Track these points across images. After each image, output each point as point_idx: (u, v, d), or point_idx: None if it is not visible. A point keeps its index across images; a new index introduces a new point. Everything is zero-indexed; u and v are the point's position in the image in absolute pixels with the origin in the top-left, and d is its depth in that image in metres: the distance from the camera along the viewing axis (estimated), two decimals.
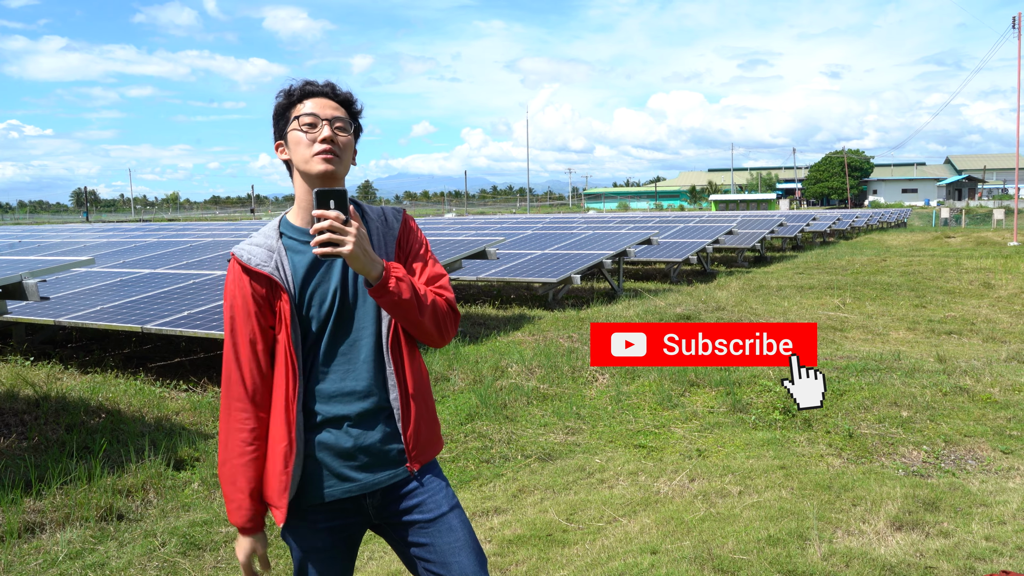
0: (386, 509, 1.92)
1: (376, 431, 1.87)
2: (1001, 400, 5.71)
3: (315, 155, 1.82)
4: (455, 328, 1.93)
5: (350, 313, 1.87)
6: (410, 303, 1.78)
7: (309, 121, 1.85)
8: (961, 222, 43.94)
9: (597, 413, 5.88)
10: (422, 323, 1.83)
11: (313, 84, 1.91)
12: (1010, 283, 12.64)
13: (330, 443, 1.85)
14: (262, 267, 1.85)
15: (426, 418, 1.94)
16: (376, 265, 1.75)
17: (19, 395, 5.91)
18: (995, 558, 3.45)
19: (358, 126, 1.96)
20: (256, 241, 1.91)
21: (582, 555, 3.64)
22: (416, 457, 1.91)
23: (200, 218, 76.40)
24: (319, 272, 1.87)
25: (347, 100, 1.93)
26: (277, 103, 1.92)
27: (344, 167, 1.87)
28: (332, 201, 1.70)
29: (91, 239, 15.58)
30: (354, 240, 1.69)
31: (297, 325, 1.85)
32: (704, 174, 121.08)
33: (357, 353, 1.87)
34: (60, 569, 3.54)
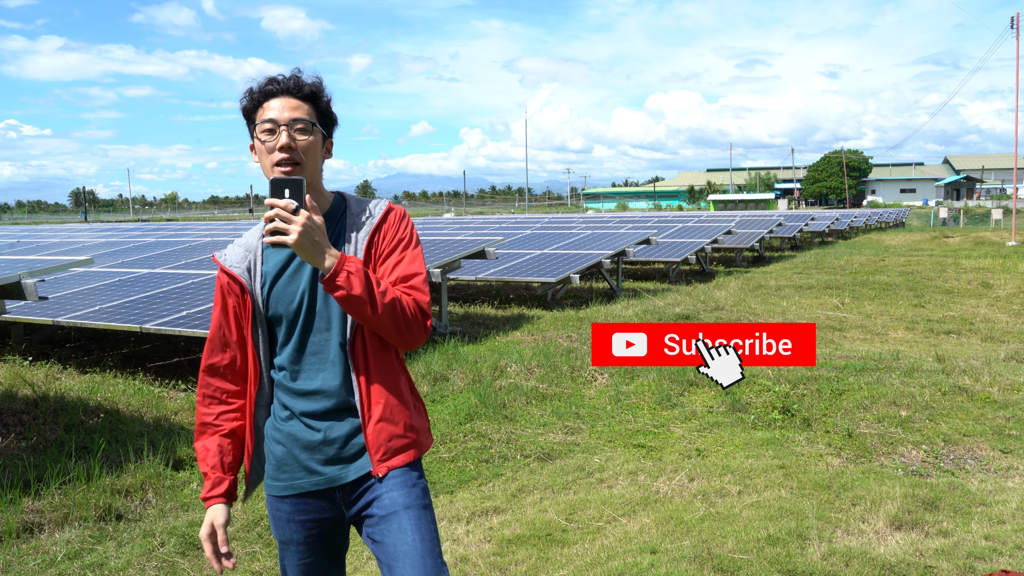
0: (354, 505, 1.92)
1: (343, 426, 1.88)
2: (1000, 399, 5.72)
3: (274, 165, 1.82)
4: (423, 331, 1.87)
5: (319, 312, 1.87)
6: (360, 299, 1.73)
7: (267, 128, 1.84)
8: (959, 222, 43.98)
9: (596, 413, 5.88)
10: (378, 321, 1.78)
11: (274, 82, 1.87)
12: (1008, 283, 12.66)
13: (299, 436, 1.88)
14: (233, 268, 1.91)
15: (392, 421, 1.89)
16: (327, 257, 1.72)
17: (17, 395, 5.90)
18: (995, 557, 3.45)
19: (327, 118, 1.93)
20: (241, 241, 1.97)
21: (582, 555, 3.64)
22: (380, 460, 1.87)
23: (199, 218, 76.31)
24: (290, 271, 1.89)
25: (312, 94, 1.89)
26: (242, 107, 1.90)
27: (308, 171, 1.86)
28: (288, 190, 1.71)
29: (89, 239, 15.56)
30: (300, 230, 1.68)
31: (260, 323, 1.90)
32: (702, 174, 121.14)
33: (326, 351, 1.87)
34: (59, 569, 3.53)
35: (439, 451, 5.17)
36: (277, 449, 1.92)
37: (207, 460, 1.96)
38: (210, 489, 1.95)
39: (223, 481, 1.95)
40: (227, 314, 1.95)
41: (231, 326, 1.95)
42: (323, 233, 1.73)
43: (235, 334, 1.95)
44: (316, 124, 1.88)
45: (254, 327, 1.91)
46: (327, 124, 1.94)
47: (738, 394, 6.07)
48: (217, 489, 1.94)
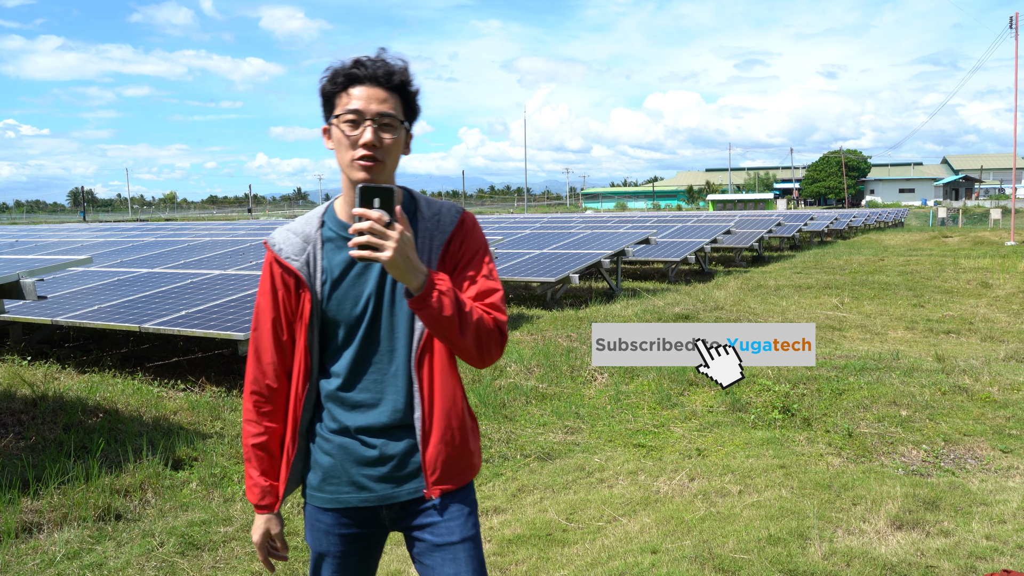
0: (403, 521, 1.83)
1: (399, 444, 1.77)
2: (1000, 399, 5.71)
3: (354, 160, 1.67)
4: (500, 350, 1.75)
5: (384, 321, 1.75)
6: (451, 320, 1.62)
7: (350, 119, 1.67)
8: (958, 222, 44.00)
9: (596, 412, 5.87)
10: (463, 343, 1.66)
11: (361, 66, 1.69)
12: (1008, 282, 12.66)
13: (351, 450, 1.78)
14: (291, 260, 1.76)
15: (452, 443, 1.79)
16: (418, 275, 1.59)
17: (16, 395, 5.89)
18: (996, 557, 3.45)
19: (413, 111, 1.77)
20: (295, 228, 1.80)
21: (582, 555, 3.63)
22: (436, 482, 1.78)
23: (197, 218, 76.30)
24: (355, 272, 1.75)
25: (401, 85, 1.72)
26: (322, 86, 1.73)
27: (388, 171, 1.71)
28: (377, 199, 1.56)
29: (88, 239, 15.55)
30: (395, 246, 1.54)
31: (315, 325, 1.77)
32: (701, 174, 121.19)
33: (387, 364, 1.76)
34: (58, 569, 3.52)
35: None
36: (324, 460, 1.81)
37: (255, 463, 1.84)
38: (261, 497, 1.85)
39: (273, 489, 1.86)
40: (278, 307, 1.80)
41: (282, 320, 1.80)
42: (414, 248, 1.59)
43: (284, 331, 1.81)
44: (403, 121, 1.73)
45: (310, 328, 1.76)
46: (411, 118, 1.77)
47: (738, 394, 6.06)
48: (268, 498, 1.85)
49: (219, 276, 8.55)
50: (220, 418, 5.67)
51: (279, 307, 1.80)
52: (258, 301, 1.84)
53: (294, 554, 3.70)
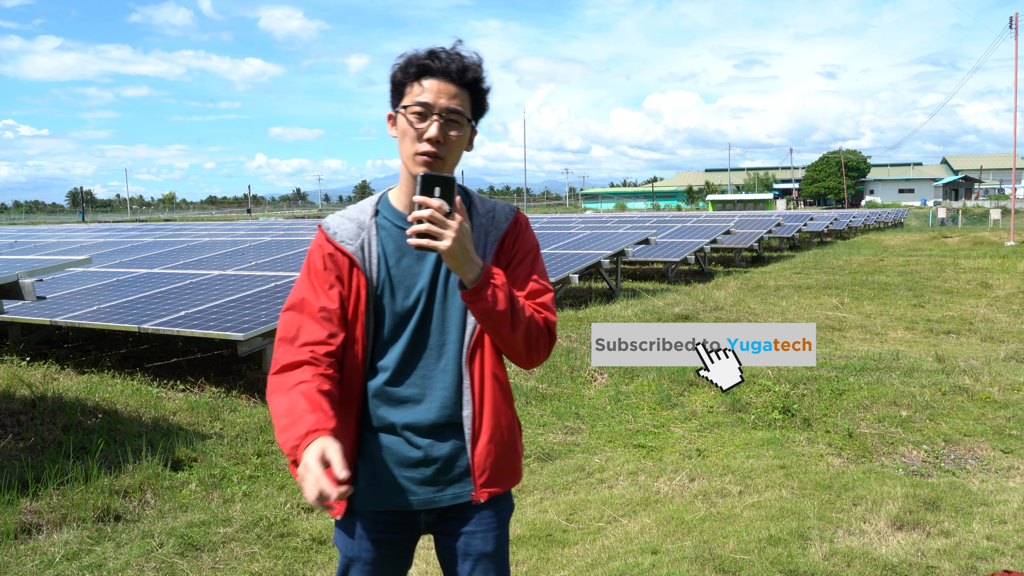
0: (439, 526, 1.77)
1: (445, 445, 1.70)
2: (1000, 399, 5.71)
3: (416, 155, 1.64)
4: (548, 351, 1.72)
5: (436, 313, 1.70)
6: (504, 315, 1.59)
7: (418, 111, 1.63)
8: (958, 222, 44.01)
9: (596, 413, 5.86)
10: (513, 340, 1.63)
11: (435, 58, 1.64)
12: (1007, 283, 12.66)
13: (394, 449, 1.70)
14: (347, 244, 1.69)
15: (502, 443, 1.74)
16: (474, 267, 1.56)
17: (15, 395, 5.88)
18: (997, 557, 3.44)
19: (481, 109, 1.72)
20: (348, 214, 1.74)
21: (582, 555, 3.62)
22: (484, 485, 1.72)
23: (197, 218, 76.30)
24: (408, 262, 1.70)
25: (473, 82, 1.67)
26: (392, 73, 1.68)
27: (449, 167, 1.67)
28: (438, 188, 1.53)
29: (87, 239, 15.54)
30: (454, 235, 1.51)
31: (371, 313, 1.69)
32: (701, 174, 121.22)
33: (436, 359, 1.70)
34: (57, 570, 3.52)
35: None
36: (362, 460, 1.72)
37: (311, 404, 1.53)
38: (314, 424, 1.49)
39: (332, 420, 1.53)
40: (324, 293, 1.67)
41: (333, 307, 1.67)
42: (471, 239, 1.57)
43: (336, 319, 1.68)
44: (470, 120, 1.69)
45: (367, 317, 1.68)
46: (479, 115, 1.73)
47: (738, 394, 6.06)
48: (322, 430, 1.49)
49: (218, 276, 8.55)
50: (219, 419, 5.66)
51: (326, 292, 1.68)
52: (300, 287, 1.71)
53: (294, 555, 3.69)
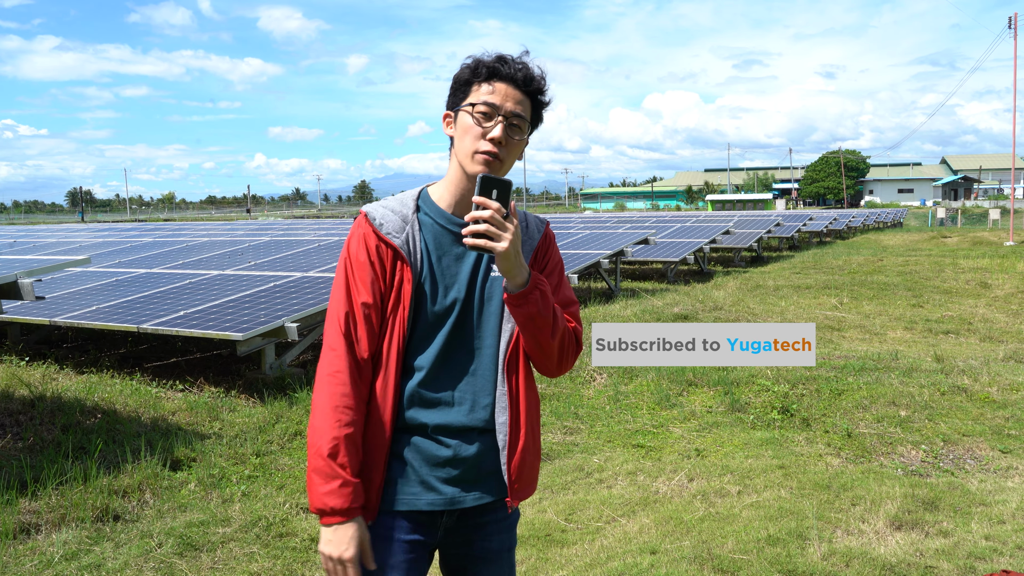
0: (456, 532, 1.75)
1: (474, 447, 1.70)
2: (999, 399, 5.71)
3: (477, 153, 1.64)
4: (574, 360, 1.75)
5: (473, 317, 1.71)
6: (547, 320, 1.62)
7: (484, 111, 1.64)
8: (957, 222, 44.03)
9: (595, 413, 5.86)
10: (550, 346, 1.66)
11: (505, 63, 1.67)
12: (1007, 283, 12.66)
13: (423, 448, 1.68)
14: (393, 236, 1.67)
15: (533, 452, 1.76)
16: (523, 271, 1.59)
17: (14, 395, 5.88)
18: (995, 557, 3.45)
19: (537, 121, 1.75)
20: (391, 206, 1.72)
21: (581, 555, 3.62)
22: (517, 492, 1.73)
23: (196, 218, 76.28)
24: (448, 262, 1.70)
25: (537, 93, 1.70)
26: (459, 72, 1.70)
27: (505, 170, 1.68)
28: (495, 191, 1.54)
29: (87, 239, 15.53)
30: (511, 238, 1.53)
31: (413, 308, 1.67)
32: (700, 174, 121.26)
33: (472, 362, 1.71)
34: (56, 570, 3.52)
35: None
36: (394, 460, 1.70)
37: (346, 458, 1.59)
38: (354, 498, 1.59)
39: (361, 488, 1.63)
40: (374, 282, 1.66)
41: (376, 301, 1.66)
42: (521, 245, 1.59)
43: (376, 308, 1.67)
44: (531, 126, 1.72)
45: (410, 311, 1.66)
46: (535, 126, 1.76)
47: (737, 394, 6.06)
48: (360, 499, 1.61)
49: (218, 276, 8.54)
50: (218, 419, 5.66)
51: (375, 284, 1.66)
52: (348, 276, 1.68)
53: (292, 555, 3.69)
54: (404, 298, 1.66)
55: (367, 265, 1.66)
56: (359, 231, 1.69)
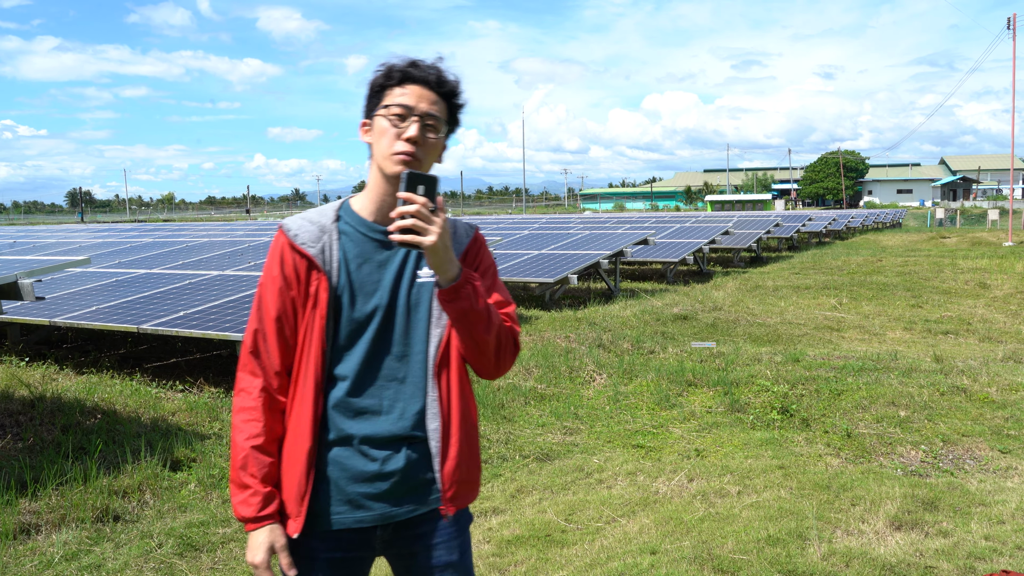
0: (395, 544, 1.72)
1: (401, 458, 1.67)
2: (998, 400, 5.72)
3: (394, 154, 1.65)
4: (513, 360, 1.72)
5: (399, 323, 1.68)
6: (481, 315, 1.60)
7: (399, 112, 1.65)
8: (956, 222, 44.06)
9: (595, 413, 5.87)
10: (487, 342, 1.63)
11: (417, 67, 1.69)
12: (1005, 283, 12.68)
13: (348, 463, 1.66)
14: (307, 247, 1.67)
15: (468, 458, 1.73)
16: (454, 265, 1.57)
17: (14, 396, 5.88)
18: (995, 557, 3.45)
19: (455, 122, 1.76)
20: (310, 217, 1.73)
21: (581, 555, 3.63)
22: (452, 500, 1.70)
23: (195, 219, 76.26)
24: (369, 269, 1.69)
25: (451, 93, 1.72)
26: (373, 79, 1.71)
27: (423, 169, 1.67)
28: (421, 187, 1.54)
29: (86, 239, 15.53)
30: (439, 231, 1.52)
31: (331, 316, 1.66)
32: (700, 175, 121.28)
33: (400, 369, 1.68)
34: (56, 571, 3.52)
35: None
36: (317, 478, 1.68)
37: (253, 468, 1.65)
38: (262, 506, 1.64)
39: (275, 497, 1.66)
40: (285, 297, 1.68)
41: (288, 311, 1.68)
42: (451, 239, 1.57)
43: (289, 323, 1.68)
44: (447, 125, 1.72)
45: (327, 321, 1.65)
46: (452, 128, 1.76)
47: (737, 394, 6.06)
48: (271, 506, 1.65)
49: (217, 277, 8.54)
50: (218, 419, 5.66)
51: (287, 296, 1.68)
52: (261, 292, 1.71)
53: None
54: (320, 307, 1.66)
55: (279, 278, 1.68)
56: (276, 245, 1.71)
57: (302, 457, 1.65)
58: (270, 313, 1.69)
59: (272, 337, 1.68)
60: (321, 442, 1.67)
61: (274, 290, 1.69)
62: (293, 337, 1.69)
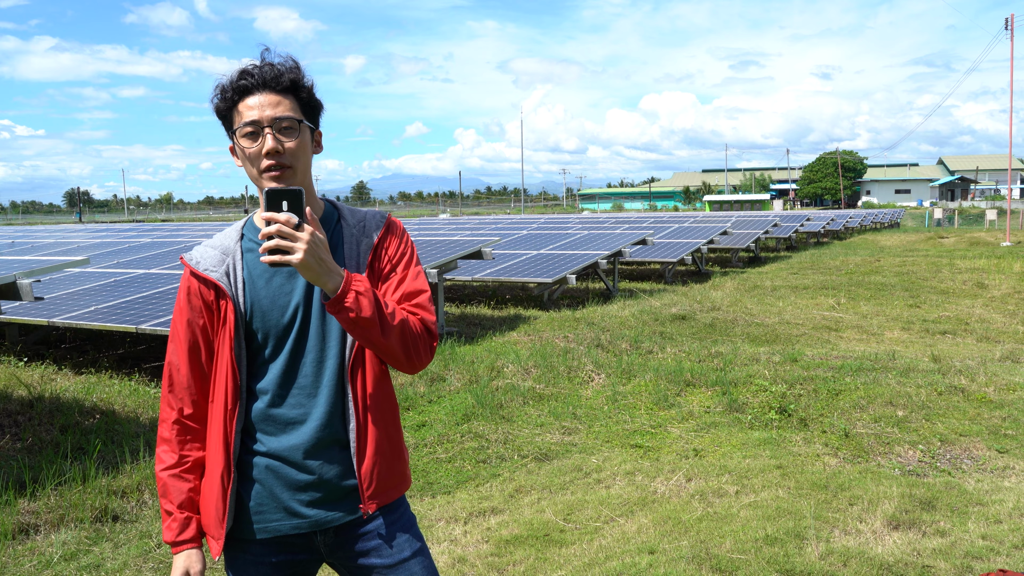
0: (340, 549, 1.74)
1: (334, 465, 1.69)
2: (996, 399, 5.73)
3: (262, 172, 1.63)
4: (430, 353, 1.71)
5: (313, 329, 1.69)
6: (371, 321, 1.56)
7: (248, 131, 1.63)
8: (954, 222, 44.11)
9: (593, 413, 5.87)
10: (387, 345, 1.61)
11: (248, 75, 1.64)
12: (1003, 283, 12.70)
13: (280, 473, 1.68)
14: (210, 272, 1.68)
15: (387, 454, 1.73)
16: (333, 276, 1.54)
17: (13, 396, 5.88)
18: (992, 557, 3.46)
19: (312, 108, 1.71)
20: (213, 243, 1.75)
21: (579, 555, 3.63)
22: (372, 497, 1.70)
23: (194, 219, 76.22)
24: (280, 281, 1.68)
25: (293, 85, 1.67)
26: (215, 107, 1.69)
27: (300, 174, 1.66)
28: (285, 202, 1.52)
29: (85, 239, 15.52)
30: (305, 247, 1.49)
31: (242, 337, 1.68)
32: (698, 175, 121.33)
33: (319, 375, 1.68)
34: (55, 570, 3.52)
35: (436, 451, 5.16)
36: (251, 486, 1.70)
37: (172, 496, 1.70)
38: (179, 532, 1.69)
39: (192, 521, 1.70)
40: (194, 326, 1.71)
41: (200, 340, 1.71)
42: (327, 249, 1.55)
43: (204, 351, 1.72)
44: (303, 120, 1.67)
45: (236, 342, 1.67)
46: (313, 115, 1.71)
47: (735, 394, 6.07)
48: (188, 531, 1.69)
49: None
50: None
51: (197, 325, 1.71)
52: (174, 322, 1.74)
53: None
54: (228, 327, 1.67)
55: (186, 309, 1.72)
56: (183, 276, 1.75)
57: (217, 480, 1.68)
58: (182, 345, 1.72)
59: (184, 367, 1.72)
60: (251, 453, 1.70)
61: (183, 321, 1.72)
62: (210, 363, 1.72)
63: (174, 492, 1.70)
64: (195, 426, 1.73)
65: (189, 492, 1.71)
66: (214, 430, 1.69)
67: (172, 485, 1.70)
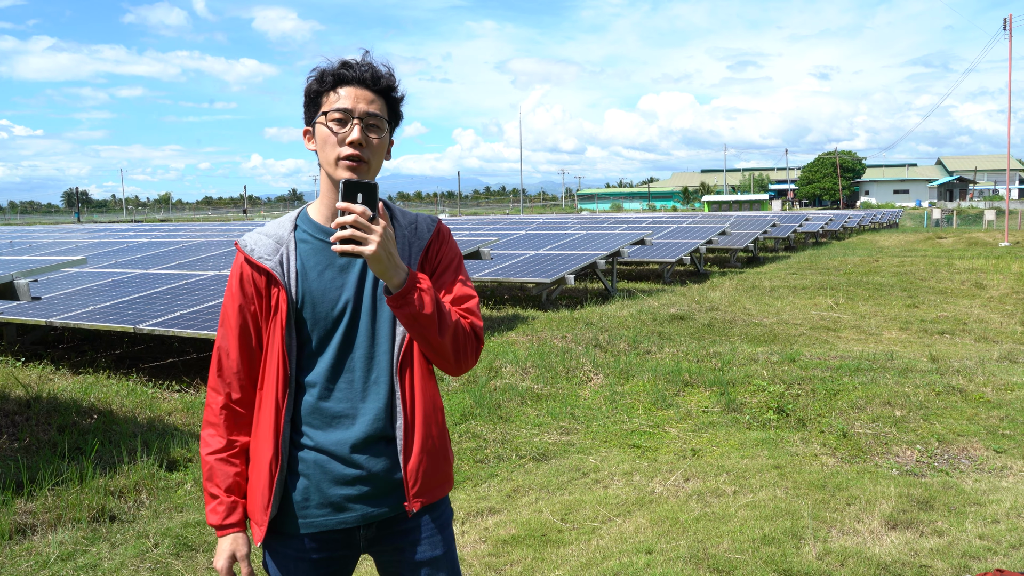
0: (379, 543, 1.75)
1: (381, 459, 1.69)
2: (994, 399, 5.73)
3: (340, 159, 1.65)
4: (475, 357, 1.74)
5: (363, 325, 1.69)
6: (431, 319, 1.59)
7: (338, 117, 1.65)
8: (952, 223, 44.15)
9: (591, 413, 5.87)
10: (441, 344, 1.63)
11: (349, 67, 1.67)
12: (1001, 283, 12.71)
13: (327, 468, 1.68)
14: (264, 260, 1.69)
15: (433, 453, 1.74)
16: (399, 271, 1.56)
17: (10, 396, 5.87)
18: (989, 556, 3.46)
19: (397, 117, 1.75)
20: (267, 231, 1.76)
21: (577, 555, 3.63)
22: (417, 495, 1.71)
23: (192, 219, 76.19)
24: (331, 275, 1.70)
25: (388, 88, 1.71)
26: (307, 86, 1.71)
27: (372, 172, 1.69)
28: (361, 195, 1.53)
29: (83, 239, 15.50)
30: (379, 240, 1.51)
31: (293, 327, 1.69)
32: (697, 175, 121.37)
33: (367, 371, 1.69)
34: (52, 571, 3.51)
35: None
36: (297, 480, 1.70)
37: (218, 479, 1.72)
38: (226, 515, 1.71)
39: (238, 506, 1.72)
40: (245, 312, 1.72)
41: (250, 326, 1.73)
42: (395, 245, 1.56)
43: (253, 337, 1.73)
44: (390, 122, 1.72)
45: (287, 332, 1.68)
46: (395, 123, 1.76)
47: (733, 394, 6.07)
48: (234, 515, 1.72)
49: (214, 277, 8.54)
50: None
51: (248, 311, 1.72)
52: (225, 307, 1.75)
53: None
54: (280, 318, 1.68)
55: (238, 295, 1.73)
56: (236, 262, 1.76)
57: (264, 467, 1.69)
58: (232, 330, 1.73)
59: (235, 352, 1.73)
60: (298, 447, 1.71)
61: (234, 306, 1.73)
62: (259, 350, 1.73)
63: (221, 476, 1.72)
64: (242, 411, 1.74)
65: (236, 476, 1.73)
66: (263, 418, 1.70)
67: (219, 469, 1.72)
